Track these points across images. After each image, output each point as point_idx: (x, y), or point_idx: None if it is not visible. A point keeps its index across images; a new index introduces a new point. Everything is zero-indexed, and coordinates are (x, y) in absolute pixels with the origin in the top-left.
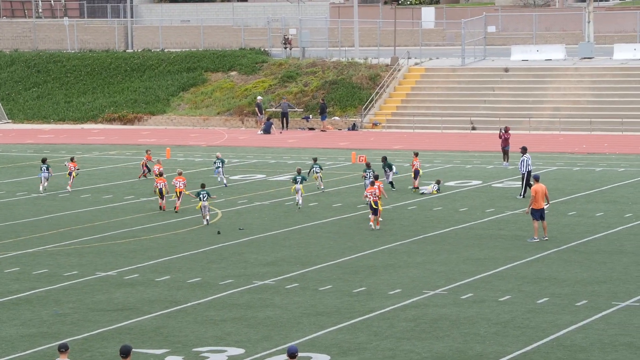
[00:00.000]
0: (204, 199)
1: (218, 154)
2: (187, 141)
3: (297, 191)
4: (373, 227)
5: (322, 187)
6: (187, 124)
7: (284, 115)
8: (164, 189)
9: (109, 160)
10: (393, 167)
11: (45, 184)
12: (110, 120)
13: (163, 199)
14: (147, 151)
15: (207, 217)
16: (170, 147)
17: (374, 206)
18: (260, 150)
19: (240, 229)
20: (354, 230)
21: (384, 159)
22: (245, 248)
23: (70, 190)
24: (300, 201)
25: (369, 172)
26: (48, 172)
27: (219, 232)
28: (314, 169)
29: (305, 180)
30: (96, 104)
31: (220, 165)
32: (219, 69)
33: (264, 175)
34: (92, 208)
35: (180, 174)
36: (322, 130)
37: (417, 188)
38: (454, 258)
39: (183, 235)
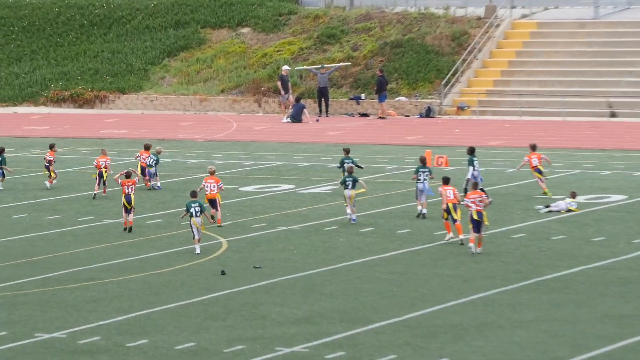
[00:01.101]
0: (197, 214)
1: (158, 148)
2: (175, 133)
3: (347, 199)
4: (473, 249)
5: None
6: (176, 107)
7: (323, 94)
8: (132, 196)
9: (55, 162)
10: (477, 169)
11: None
12: (58, 102)
13: (130, 213)
14: (145, 146)
15: (198, 244)
16: (151, 143)
17: (477, 219)
18: (286, 148)
19: (256, 267)
20: (430, 270)
21: (471, 151)
22: (263, 296)
23: (49, 186)
24: (353, 216)
25: (424, 173)
26: (1, 169)
27: (223, 272)
28: (345, 165)
29: (357, 181)
30: (36, 77)
31: (154, 164)
32: (224, 24)
33: (292, 186)
34: (30, 235)
35: (212, 172)
36: (380, 117)
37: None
38: (584, 314)
39: (168, 277)
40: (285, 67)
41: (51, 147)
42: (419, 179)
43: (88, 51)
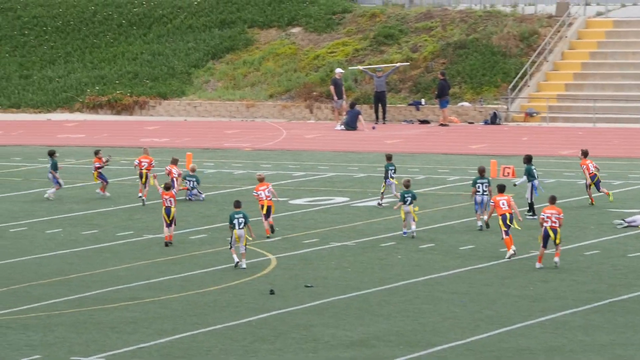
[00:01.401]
0: (240, 225)
1: (193, 165)
2: (221, 142)
3: (406, 214)
4: (557, 263)
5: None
6: (221, 114)
7: (380, 99)
8: (172, 209)
9: (92, 173)
10: (536, 178)
11: (52, 191)
12: (95, 108)
13: (171, 226)
14: (173, 159)
15: (243, 258)
16: (193, 152)
17: (552, 235)
18: (339, 157)
19: (307, 286)
20: (495, 290)
21: (528, 160)
22: (315, 317)
23: (104, 194)
24: (413, 227)
25: (483, 184)
26: (51, 174)
27: (272, 292)
28: (390, 172)
29: (415, 199)
30: (71, 81)
31: (195, 185)
32: (272, 23)
33: (347, 199)
34: (65, 251)
35: (261, 180)
36: (441, 124)
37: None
38: None
39: (214, 297)
40: (339, 70)
41: (96, 153)
42: (478, 191)
43: (126, 53)
